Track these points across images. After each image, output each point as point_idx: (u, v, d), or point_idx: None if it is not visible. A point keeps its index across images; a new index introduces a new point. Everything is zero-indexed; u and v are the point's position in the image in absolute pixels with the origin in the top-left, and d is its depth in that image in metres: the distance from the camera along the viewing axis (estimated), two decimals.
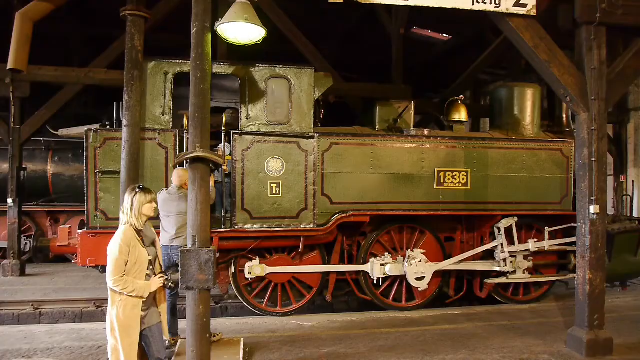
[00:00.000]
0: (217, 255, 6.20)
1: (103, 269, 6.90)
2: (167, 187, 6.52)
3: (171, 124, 6.59)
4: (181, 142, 6.53)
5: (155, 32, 9.57)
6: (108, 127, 7.09)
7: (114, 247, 3.74)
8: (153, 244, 4.19)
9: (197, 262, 4.67)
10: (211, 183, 6.16)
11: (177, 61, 6.59)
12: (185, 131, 6.38)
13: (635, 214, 13.33)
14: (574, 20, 5.68)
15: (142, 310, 3.88)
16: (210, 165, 5.23)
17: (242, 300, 7.30)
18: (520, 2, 5.38)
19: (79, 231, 6.58)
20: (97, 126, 7.16)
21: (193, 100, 4.89)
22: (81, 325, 6.86)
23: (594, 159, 5.55)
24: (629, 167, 13.96)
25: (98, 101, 13.19)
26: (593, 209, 5.55)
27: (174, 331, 5.82)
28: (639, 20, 5.72)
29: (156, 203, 4.20)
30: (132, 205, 3.89)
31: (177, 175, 5.81)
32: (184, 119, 6.66)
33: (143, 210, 3.94)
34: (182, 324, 5.64)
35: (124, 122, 6.04)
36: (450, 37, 14.96)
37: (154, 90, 6.53)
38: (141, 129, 6.34)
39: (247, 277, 7.01)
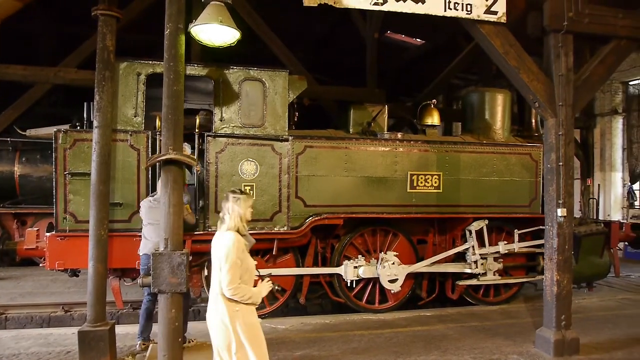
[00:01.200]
0: (190, 258, 6.14)
1: (72, 272, 6.78)
2: (139, 189, 6.46)
3: (143, 125, 6.50)
4: (154, 143, 6.45)
5: (128, 32, 9.45)
6: (78, 127, 6.96)
7: (231, 255, 3.51)
8: None
9: (170, 265, 4.63)
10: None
11: (150, 62, 6.52)
12: (158, 133, 6.32)
13: (601, 217, 13.71)
14: (542, 28, 5.83)
15: None
16: (183, 166, 5.18)
17: None
18: (491, 10, 5.50)
19: (47, 234, 6.44)
20: (66, 127, 7.02)
21: (166, 101, 4.85)
22: (49, 330, 6.70)
23: (561, 163, 5.70)
24: (596, 171, 14.37)
25: (68, 101, 12.90)
26: (560, 211, 5.70)
27: (146, 335, 5.74)
28: (604, 29, 5.92)
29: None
30: (239, 209, 3.74)
31: None
32: (157, 121, 6.59)
33: (247, 214, 3.81)
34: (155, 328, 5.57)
35: (95, 124, 5.92)
36: (424, 42, 15.16)
37: (126, 91, 6.44)
38: (112, 130, 6.22)
39: None
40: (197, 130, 6.72)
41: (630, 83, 14.04)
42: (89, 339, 5.25)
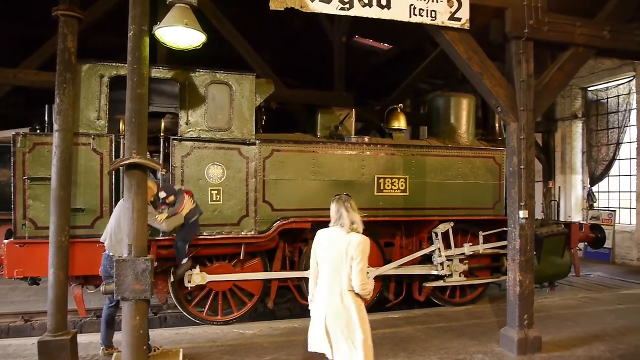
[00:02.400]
0: (155, 264, 6.03)
1: (32, 280, 6.57)
2: (102, 193, 6.32)
3: (107, 128, 6.37)
4: (117, 147, 6.33)
5: (91, 33, 9.23)
6: (38, 131, 6.78)
7: (365, 254, 3.80)
8: None
9: (133, 271, 4.53)
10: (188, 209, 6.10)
11: (114, 64, 6.40)
12: (121, 136, 6.19)
13: (562, 218, 14.10)
14: (504, 35, 5.98)
15: None
16: (148, 171, 5.10)
17: (181, 310, 7.13)
18: (455, 16, 5.60)
19: (5, 241, 6.23)
20: (26, 130, 6.82)
21: (129, 105, 4.76)
22: (8, 341, 6.46)
23: (522, 167, 5.85)
24: (557, 174, 14.78)
25: (29, 103, 12.54)
26: (522, 213, 5.84)
27: (108, 342, 5.61)
28: (563, 37, 6.11)
29: None
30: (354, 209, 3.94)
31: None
32: (121, 124, 6.46)
33: None
34: (117, 335, 5.44)
35: (55, 127, 5.77)
36: (391, 46, 15.32)
37: (89, 94, 6.31)
38: (74, 134, 6.07)
39: (186, 285, 6.86)
40: (162, 134, 6.62)
41: (589, 89, 14.51)
42: (49, 349, 5.09)
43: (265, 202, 6.89)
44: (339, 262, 3.81)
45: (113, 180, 6.29)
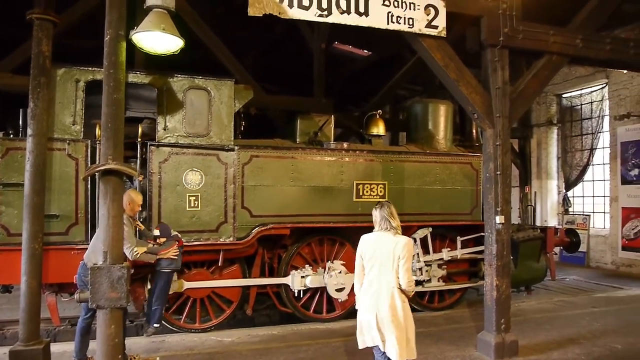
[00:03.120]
0: (132, 271, 5.95)
1: (4, 288, 6.43)
2: (77, 200, 6.21)
3: (82, 134, 6.28)
4: (93, 153, 6.24)
5: (67, 36, 9.10)
6: (12, 135, 6.64)
7: (411, 253, 4.17)
8: None
9: (109, 279, 4.47)
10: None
11: (90, 69, 6.33)
12: (97, 142, 6.12)
13: (538, 223, 14.33)
14: (480, 43, 6.08)
15: None
16: (124, 177, 5.04)
17: None
18: (432, 24, 5.68)
19: None
20: None
21: (106, 110, 4.71)
22: None
23: (499, 172, 5.93)
24: (533, 179, 15.02)
25: (3, 107, 12.26)
26: (499, 219, 5.92)
27: (82, 355, 5.48)
28: (537, 45, 6.23)
29: None
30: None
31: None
32: (97, 129, 6.38)
33: None
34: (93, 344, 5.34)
35: (29, 132, 5.67)
36: (371, 53, 15.42)
37: (64, 99, 6.21)
38: (49, 139, 5.97)
39: None
40: (139, 140, 6.55)
41: (564, 95, 14.82)
42: (21, 358, 4.98)
43: (244, 208, 6.86)
44: (387, 263, 4.15)
45: (89, 186, 6.19)
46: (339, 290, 7.49)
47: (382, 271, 4.17)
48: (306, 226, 7.27)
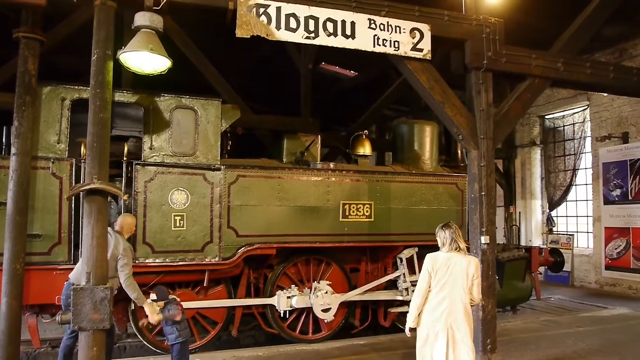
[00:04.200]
0: (115, 292, 5.86)
1: None
2: (61, 219, 6.12)
3: (67, 152, 6.23)
4: (78, 171, 6.17)
5: (54, 54, 9.08)
6: None
7: (479, 271, 4.56)
8: None
9: (92, 300, 4.42)
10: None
11: (76, 87, 6.29)
12: (82, 160, 6.07)
13: (523, 242, 14.45)
14: (464, 66, 6.20)
15: None
16: (109, 197, 5.01)
17: (142, 339, 6.92)
18: (417, 47, 5.78)
19: None
20: None
21: (91, 129, 4.71)
22: None
23: (483, 193, 6.00)
24: (517, 199, 15.15)
25: None
26: (484, 239, 5.97)
27: None
28: (520, 68, 6.38)
29: None
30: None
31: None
32: (82, 147, 6.34)
33: None
34: None
35: (13, 150, 5.62)
36: (357, 73, 15.60)
37: (49, 117, 6.16)
38: (33, 158, 5.91)
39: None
40: (125, 158, 6.52)
41: (547, 117, 15.06)
42: None
43: (230, 228, 6.82)
44: (459, 280, 4.43)
45: (72, 205, 6.12)
46: (325, 310, 7.43)
47: (454, 289, 4.42)
48: (292, 246, 7.24)
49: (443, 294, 4.43)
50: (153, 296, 5.52)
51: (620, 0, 7.21)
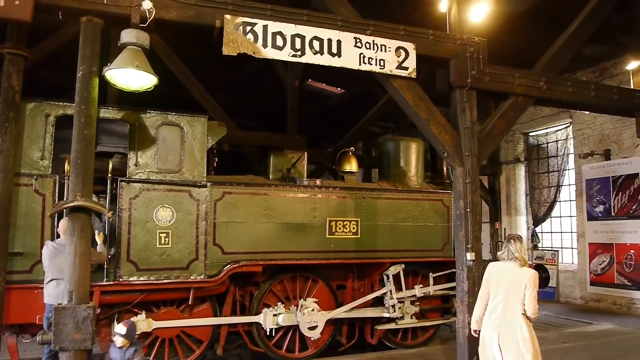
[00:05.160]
0: (98, 311, 5.77)
1: None
2: (43, 237, 6.03)
3: (50, 169, 6.16)
4: (62, 188, 6.10)
5: (40, 69, 9.04)
6: None
7: (537, 283, 4.66)
8: None
9: (74, 320, 4.35)
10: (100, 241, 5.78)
11: (60, 103, 6.25)
12: (66, 177, 6.00)
13: None
14: (449, 84, 6.28)
15: None
16: (93, 215, 4.95)
17: None
18: (402, 65, 5.86)
19: None
20: None
21: (76, 146, 4.68)
22: None
23: (469, 210, 6.04)
24: (503, 215, 15.26)
25: None
26: (469, 256, 6.00)
27: None
28: (503, 87, 6.48)
29: None
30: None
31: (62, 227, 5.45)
32: (66, 164, 6.27)
33: None
34: None
35: None
36: (344, 90, 15.71)
37: (33, 133, 6.10)
38: (16, 174, 5.84)
39: None
40: (110, 175, 6.46)
41: (530, 134, 15.26)
42: None
43: (216, 245, 6.77)
44: (514, 290, 4.66)
45: (55, 223, 6.03)
46: (312, 328, 7.38)
47: (508, 298, 4.70)
48: (279, 263, 7.21)
49: (496, 301, 4.78)
50: (121, 329, 4.90)
51: (600, 22, 7.39)
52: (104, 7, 4.88)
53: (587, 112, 12.02)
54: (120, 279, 6.19)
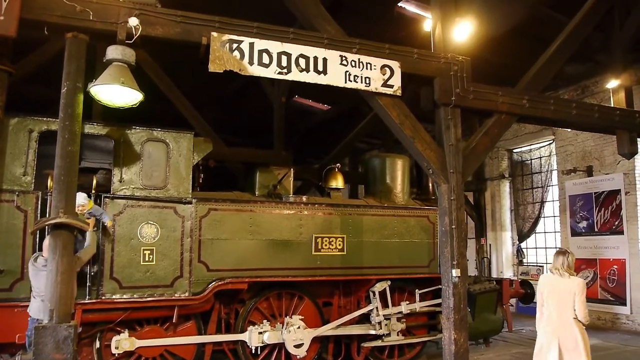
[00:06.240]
0: (80, 329, 5.67)
1: None
2: (24, 254, 5.93)
3: (33, 185, 6.08)
4: (44, 205, 6.02)
5: (24, 83, 8.96)
6: None
7: (585, 290, 5.36)
8: None
9: (54, 340, 4.27)
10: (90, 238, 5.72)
11: (44, 119, 6.19)
12: (49, 193, 5.93)
13: (494, 274, 14.58)
14: (434, 102, 6.35)
15: None
16: (75, 232, 4.89)
17: None
18: (388, 83, 5.92)
19: None
20: None
21: (59, 162, 4.63)
22: None
23: (454, 226, 6.07)
24: (488, 231, 15.37)
25: None
26: (455, 272, 6.01)
27: None
28: (487, 104, 6.57)
29: None
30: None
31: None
32: (49, 180, 6.20)
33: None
34: None
35: None
36: (330, 107, 15.80)
37: (15, 149, 6.02)
38: None
39: (113, 352, 6.41)
40: (94, 191, 6.40)
41: (514, 151, 15.46)
42: None
43: (201, 262, 6.71)
44: (565, 298, 5.35)
45: (37, 240, 5.94)
46: (298, 346, 7.31)
47: (560, 305, 5.36)
48: (264, 280, 7.16)
49: (549, 310, 5.47)
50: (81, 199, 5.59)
51: (581, 41, 7.55)
52: (90, 24, 4.87)
53: (569, 130, 12.22)
54: (103, 297, 6.09)
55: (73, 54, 4.88)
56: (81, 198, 5.60)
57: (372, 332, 7.90)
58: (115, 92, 5.15)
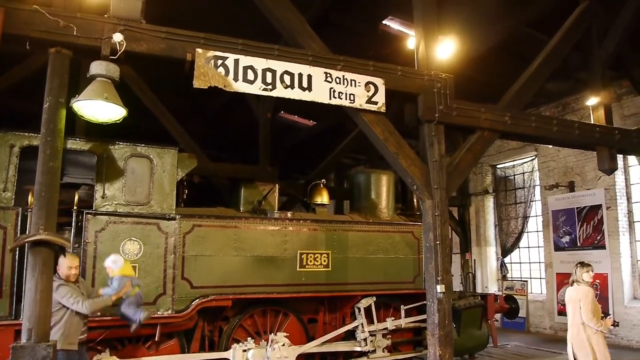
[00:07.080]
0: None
1: None
2: (3, 273, 5.80)
3: (13, 201, 5.98)
4: (24, 221, 5.92)
5: (8, 96, 8.88)
6: None
7: (588, 297, 5.96)
8: None
9: (32, 359, 4.15)
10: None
11: (26, 134, 6.13)
12: (29, 210, 5.83)
13: (479, 289, 14.62)
14: (418, 118, 6.41)
15: None
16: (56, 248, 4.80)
17: None
18: (372, 100, 5.96)
19: None
20: None
21: (40, 178, 4.56)
22: None
23: (438, 242, 6.09)
24: (473, 246, 15.44)
25: None
26: (439, 288, 6.01)
27: None
28: (470, 121, 6.65)
29: None
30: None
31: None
32: (30, 196, 6.10)
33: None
34: None
35: None
36: (315, 122, 15.86)
37: None
38: None
39: None
40: (75, 207, 6.31)
41: (498, 166, 15.63)
42: None
43: (185, 279, 6.63)
44: (575, 305, 6.06)
45: (17, 257, 5.83)
46: None
47: (572, 312, 6.11)
48: (249, 297, 7.09)
49: (569, 320, 6.21)
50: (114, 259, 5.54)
51: (561, 59, 7.71)
52: (74, 39, 4.84)
53: (550, 146, 12.40)
54: None
55: (56, 69, 4.84)
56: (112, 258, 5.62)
57: (358, 348, 7.86)
58: (99, 108, 5.11)
